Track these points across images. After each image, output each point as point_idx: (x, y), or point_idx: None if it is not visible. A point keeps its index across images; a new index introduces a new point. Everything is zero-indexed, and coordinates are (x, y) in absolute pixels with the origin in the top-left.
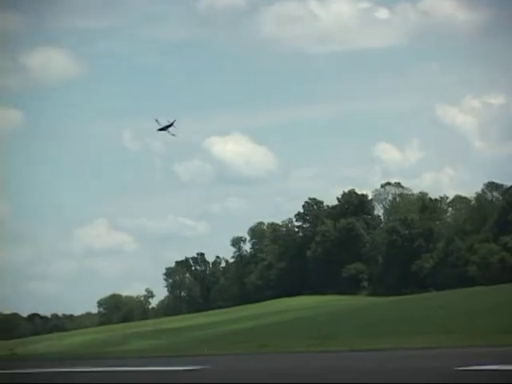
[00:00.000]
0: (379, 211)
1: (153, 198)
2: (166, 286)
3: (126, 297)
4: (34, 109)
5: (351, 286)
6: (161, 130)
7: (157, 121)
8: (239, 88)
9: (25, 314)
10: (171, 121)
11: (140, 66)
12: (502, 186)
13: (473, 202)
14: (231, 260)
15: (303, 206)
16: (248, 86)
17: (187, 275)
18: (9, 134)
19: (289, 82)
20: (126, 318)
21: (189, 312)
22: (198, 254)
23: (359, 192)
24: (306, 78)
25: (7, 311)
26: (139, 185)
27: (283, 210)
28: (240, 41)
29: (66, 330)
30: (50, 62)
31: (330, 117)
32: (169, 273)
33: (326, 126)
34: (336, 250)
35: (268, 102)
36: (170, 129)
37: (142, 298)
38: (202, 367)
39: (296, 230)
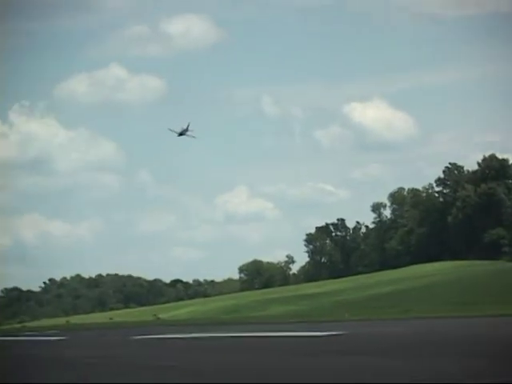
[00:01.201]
0: None
1: (292, 165)
2: (307, 252)
3: (267, 263)
4: (175, 75)
5: (492, 252)
6: (180, 135)
7: (171, 130)
8: (377, 53)
9: (167, 280)
10: (185, 126)
11: (278, 32)
12: None
13: None
14: (371, 226)
15: (443, 171)
16: (385, 51)
17: (328, 241)
18: (151, 101)
19: (426, 45)
20: (267, 284)
21: (329, 278)
22: (338, 219)
23: (500, 157)
24: (444, 42)
25: (151, 277)
26: (279, 151)
27: (423, 175)
28: (375, 5)
29: (207, 295)
30: (191, 29)
31: (470, 80)
32: (309, 239)
33: (465, 89)
34: (477, 215)
35: (406, 67)
36: (187, 133)
37: (283, 264)
38: (343, 333)
39: (436, 195)
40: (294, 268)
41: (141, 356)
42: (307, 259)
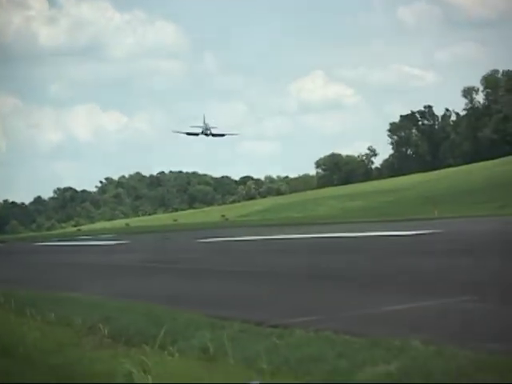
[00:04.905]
0: None
1: (374, 46)
2: (391, 144)
3: (347, 156)
4: None
5: None
6: (206, 134)
7: (179, 132)
8: None
9: (236, 177)
10: (199, 124)
11: None
12: None
13: None
14: (462, 113)
15: None
16: None
17: (414, 130)
18: None
19: None
20: (347, 180)
21: (416, 171)
22: (425, 106)
23: None
24: None
25: (218, 174)
26: (358, 31)
27: None
28: None
29: (281, 193)
30: None
31: None
32: (393, 128)
33: None
34: None
35: None
36: (212, 130)
37: (365, 157)
38: (433, 231)
39: None
40: (377, 161)
41: (209, 260)
42: (391, 151)
